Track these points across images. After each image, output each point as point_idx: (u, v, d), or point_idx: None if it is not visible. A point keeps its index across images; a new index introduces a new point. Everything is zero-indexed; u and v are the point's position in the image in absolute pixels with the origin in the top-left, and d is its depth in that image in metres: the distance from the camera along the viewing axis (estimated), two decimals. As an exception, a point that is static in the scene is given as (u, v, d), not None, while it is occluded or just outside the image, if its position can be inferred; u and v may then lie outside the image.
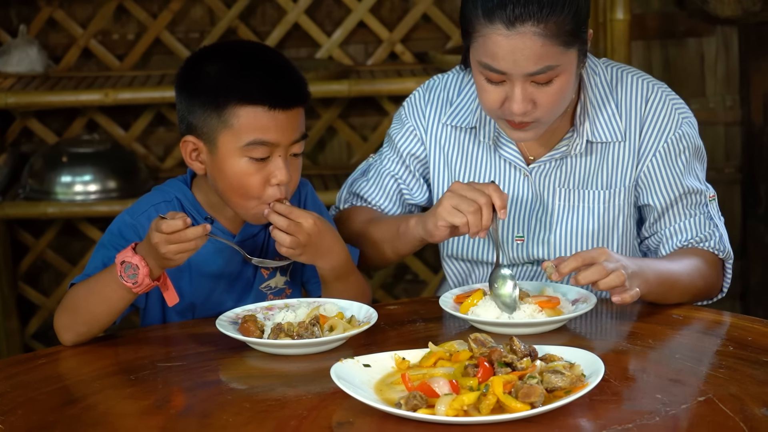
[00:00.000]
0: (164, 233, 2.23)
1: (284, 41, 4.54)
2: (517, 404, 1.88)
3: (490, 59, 2.37)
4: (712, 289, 2.59)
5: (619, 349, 2.24)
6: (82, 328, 2.35)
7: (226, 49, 2.53)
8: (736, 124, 4.55)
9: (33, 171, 4.24)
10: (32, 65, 4.37)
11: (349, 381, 1.98)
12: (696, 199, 2.59)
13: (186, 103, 2.43)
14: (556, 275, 2.31)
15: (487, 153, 2.63)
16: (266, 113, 2.37)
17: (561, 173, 2.58)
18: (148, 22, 4.47)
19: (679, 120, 2.57)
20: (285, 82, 2.42)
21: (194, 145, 2.43)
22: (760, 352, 2.19)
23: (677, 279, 2.47)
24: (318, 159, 4.61)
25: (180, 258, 2.27)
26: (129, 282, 2.28)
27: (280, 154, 2.40)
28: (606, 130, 2.56)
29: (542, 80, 2.37)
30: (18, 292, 4.52)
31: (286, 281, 2.59)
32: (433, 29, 4.56)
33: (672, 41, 4.56)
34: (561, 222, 2.59)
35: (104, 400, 2.08)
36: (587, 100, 2.55)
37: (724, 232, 2.61)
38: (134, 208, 2.49)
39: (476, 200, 2.38)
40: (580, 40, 2.40)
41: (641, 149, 2.57)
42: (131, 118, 4.53)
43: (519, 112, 2.40)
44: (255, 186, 2.40)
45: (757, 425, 1.87)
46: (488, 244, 2.64)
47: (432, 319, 2.44)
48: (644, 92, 2.58)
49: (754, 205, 4.52)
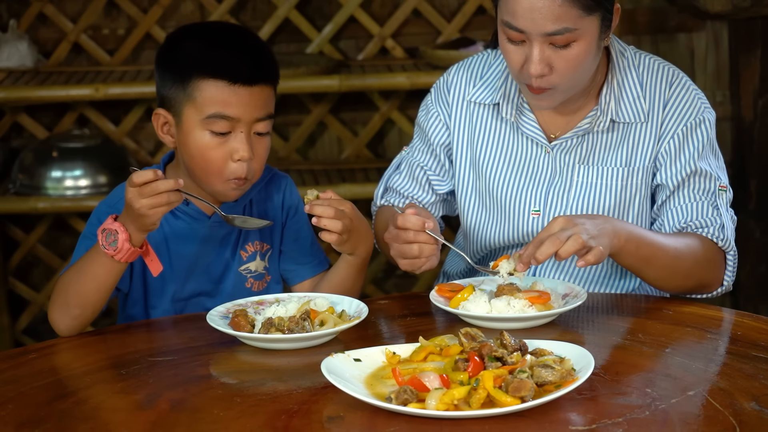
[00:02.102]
0: (136, 185, 2.26)
1: (275, 36, 4.54)
2: (507, 398, 1.89)
3: (511, 17, 2.41)
4: (708, 277, 2.56)
5: (609, 343, 2.25)
6: (74, 310, 2.38)
7: (201, 27, 2.65)
8: (726, 119, 4.56)
9: (23, 166, 4.24)
10: (22, 60, 4.37)
11: (339, 375, 1.99)
12: (705, 184, 2.59)
13: (159, 77, 2.52)
14: (521, 266, 2.33)
15: (509, 130, 2.66)
16: (227, 88, 2.44)
17: (582, 149, 2.61)
18: (138, 17, 4.47)
19: (701, 107, 2.61)
20: (249, 59, 2.49)
21: (164, 118, 2.51)
22: (750, 346, 2.20)
23: (660, 249, 2.45)
24: (308, 154, 4.61)
25: (154, 213, 2.28)
26: (110, 249, 2.30)
27: (242, 130, 2.46)
28: (630, 111, 2.59)
29: (560, 42, 2.41)
30: (8, 288, 4.52)
31: (265, 267, 2.63)
32: (423, 24, 4.56)
33: (662, 36, 4.57)
34: (578, 197, 2.61)
35: (95, 394, 2.08)
36: (614, 79, 2.59)
37: (728, 224, 2.60)
38: (110, 197, 2.58)
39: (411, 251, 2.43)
40: (603, 9, 2.43)
41: (662, 129, 2.60)
42: (122, 113, 4.53)
43: (535, 73, 2.43)
44: (216, 160, 2.45)
45: (747, 419, 1.87)
46: (497, 221, 2.67)
47: (422, 314, 2.44)
48: (669, 77, 2.62)
49: (744, 201, 4.52)
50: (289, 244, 2.66)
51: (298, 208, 2.68)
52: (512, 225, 2.66)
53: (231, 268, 2.60)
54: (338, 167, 4.48)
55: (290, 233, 2.67)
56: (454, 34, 4.50)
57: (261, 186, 2.64)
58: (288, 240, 2.67)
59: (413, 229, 2.42)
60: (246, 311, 2.32)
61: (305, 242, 2.66)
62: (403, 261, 2.46)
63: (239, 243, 2.61)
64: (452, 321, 2.37)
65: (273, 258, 2.65)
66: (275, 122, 2.52)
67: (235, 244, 2.59)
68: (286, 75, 4.13)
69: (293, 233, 2.67)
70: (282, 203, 2.66)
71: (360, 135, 4.57)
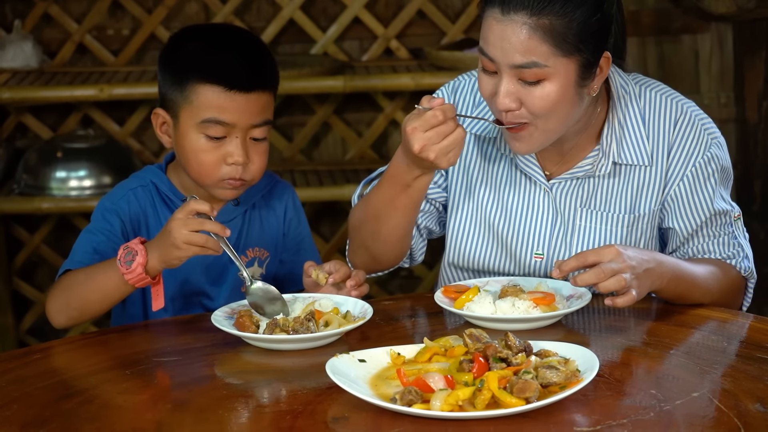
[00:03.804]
0: (191, 209, 2.27)
1: (279, 37, 4.54)
2: (512, 399, 1.88)
3: (483, 43, 2.36)
4: (730, 303, 2.54)
5: (614, 344, 2.24)
6: (73, 312, 2.41)
7: (203, 29, 2.65)
8: (731, 121, 4.56)
9: (28, 166, 4.24)
10: (27, 60, 4.37)
11: (344, 376, 1.99)
12: (722, 220, 2.53)
13: (160, 77, 2.54)
14: (556, 272, 2.29)
15: (506, 165, 2.57)
16: (224, 93, 2.45)
17: (584, 192, 2.52)
18: (143, 18, 4.47)
19: (708, 142, 2.50)
20: (247, 65, 2.49)
21: (163, 118, 2.53)
22: (755, 348, 2.20)
23: (695, 285, 2.42)
24: (313, 155, 4.61)
25: (186, 249, 2.28)
26: (124, 267, 2.31)
27: (237, 136, 2.47)
28: (634, 153, 2.49)
29: (529, 77, 2.31)
30: (12, 288, 4.52)
31: (261, 274, 2.63)
32: (428, 25, 4.56)
33: (667, 38, 4.57)
34: (582, 242, 2.53)
35: (100, 394, 2.08)
36: (615, 119, 2.49)
37: (749, 251, 2.56)
38: (112, 194, 2.59)
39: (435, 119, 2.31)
40: (582, 54, 2.32)
41: (668, 173, 2.50)
42: (126, 114, 4.53)
43: (501, 106, 2.35)
44: (209, 163, 2.47)
45: (752, 421, 1.87)
46: (497, 253, 2.59)
47: (427, 315, 2.44)
48: (674, 114, 2.50)
49: (748, 202, 4.52)
50: (291, 255, 2.67)
51: (300, 219, 2.70)
52: (513, 262, 2.58)
53: (229, 270, 2.60)
54: (342, 168, 4.48)
55: (292, 244, 2.68)
56: (458, 35, 4.50)
57: (264, 192, 2.64)
58: (289, 251, 2.67)
59: (445, 111, 2.31)
60: (251, 312, 2.32)
61: (308, 256, 2.65)
62: (436, 146, 2.31)
63: (239, 247, 2.61)
64: (457, 322, 2.37)
65: (271, 266, 2.66)
66: (280, 123, 2.53)
67: (234, 248, 2.57)
68: (290, 76, 4.15)
69: (295, 245, 2.68)
70: (284, 213, 2.67)
71: (364, 136, 4.57)
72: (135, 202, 2.55)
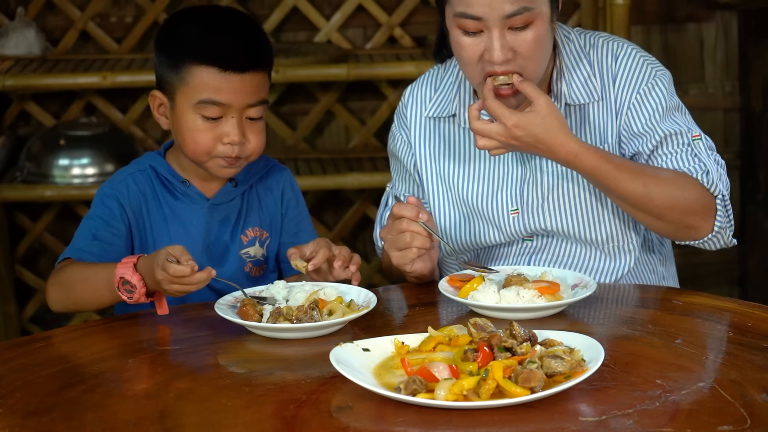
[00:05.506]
0: (171, 277, 2.27)
1: (283, 25, 4.53)
2: (516, 389, 1.88)
3: (465, 6, 2.39)
4: (693, 212, 2.49)
5: (619, 334, 2.24)
6: (71, 306, 2.49)
7: (198, 11, 2.64)
8: (736, 109, 4.55)
9: (30, 154, 4.24)
10: (30, 48, 4.36)
11: (348, 365, 1.98)
12: (677, 140, 2.54)
13: (157, 59, 2.56)
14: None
15: (467, 137, 2.63)
16: (219, 74, 2.47)
17: None
18: (146, 5, 4.46)
19: (651, 71, 2.57)
20: (242, 46, 2.52)
21: (160, 100, 2.56)
22: (760, 337, 2.19)
23: (637, 168, 2.44)
24: (316, 143, 4.61)
25: (181, 294, 2.33)
26: (125, 295, 2.35)
27: (233, 116, 2.50)
28: (583, 91, 2.57)
29: (519, 23, 2.38)
30: (15, 276, 4.52)
31: (263, 254, 2.65)
32: (431, 13, 4.55)
33: (671, 26, 4.56)
34: (552, 189, 2.58)
35: (103, 383, 2.08)
36: (563, 64, 2.57)
37: (713, 168, 2.52)
38: (113, 179, 2.61)
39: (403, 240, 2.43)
40: None
41: (617, 103, 2.57)
42: (129, 102, 4.52)
43: (498, 59, 2.39)
44: (206, 142, 2.50)
45: (758, 410, 1.87)
46: (478, 225, 2.63)
47: (431, 304, 2.44)
48: (614, 50, 2.59)
49: (753, 192, 4.52)
50: (290, 237, 2.68)
51: (299, 200, 2.72)
52: (493, 227, 2.62)
53: (231, 251, 2.62)
54: (346, 156, 4.48)
55: (290, 226, 2.69)
56: (462, 24, 4.48)
57: (261, 174, 2.66)
58: (288, 233, 2.69)
59: (408, 217, 2.41)
60: (254, 300, 2.32)
61: (306, 237, 2.65)
62: (395, 252, 2.45)
63: (239, 226, 2.63)
64: (461, 311, 2.36)
65: (271, 247, 2.67)
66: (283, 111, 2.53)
67: (234, 227, 2.62)
68: (293, 64, 4.14)
69: (294, 226, 2.70)
70: (281, 194, 2.69)
71: (368, 124, 4.56)
72: (134, 186, 2.57)
